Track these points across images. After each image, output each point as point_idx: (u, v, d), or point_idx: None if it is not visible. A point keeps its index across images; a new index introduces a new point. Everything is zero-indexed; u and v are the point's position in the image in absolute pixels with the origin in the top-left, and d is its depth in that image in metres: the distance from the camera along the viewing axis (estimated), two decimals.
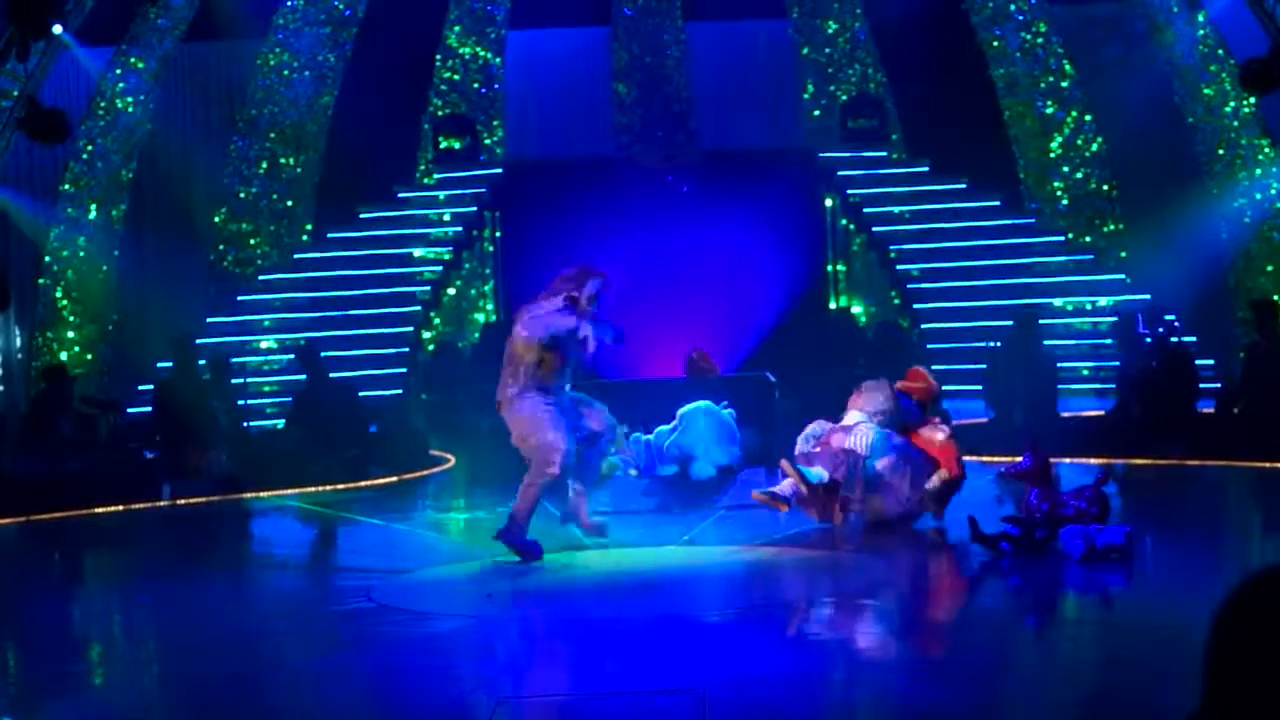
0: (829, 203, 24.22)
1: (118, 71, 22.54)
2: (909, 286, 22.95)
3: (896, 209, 23.89)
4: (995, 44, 24.27)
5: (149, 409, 17.78)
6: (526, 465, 10.55)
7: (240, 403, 17.94)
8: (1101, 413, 17.30)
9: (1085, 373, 21.14)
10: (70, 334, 22.33)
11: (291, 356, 21.34)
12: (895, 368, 20.76)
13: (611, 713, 6.56)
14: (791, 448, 13.50)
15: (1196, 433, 15.25)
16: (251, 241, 24.06)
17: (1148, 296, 21.29)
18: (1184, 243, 21.59)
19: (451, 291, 23.94)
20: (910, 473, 11.36)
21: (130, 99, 22.65)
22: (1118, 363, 17.59)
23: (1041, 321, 18.58)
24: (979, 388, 18.38)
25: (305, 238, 24.46)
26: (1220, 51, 22.24)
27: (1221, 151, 22.58)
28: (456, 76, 25.18)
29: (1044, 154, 24.09)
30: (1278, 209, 22.10)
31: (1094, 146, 23.83)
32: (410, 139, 25.02)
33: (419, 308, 23.06)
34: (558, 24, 25.32)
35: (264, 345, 22.57)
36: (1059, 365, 18.37)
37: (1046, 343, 18.51)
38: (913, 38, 23.33)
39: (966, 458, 15.14)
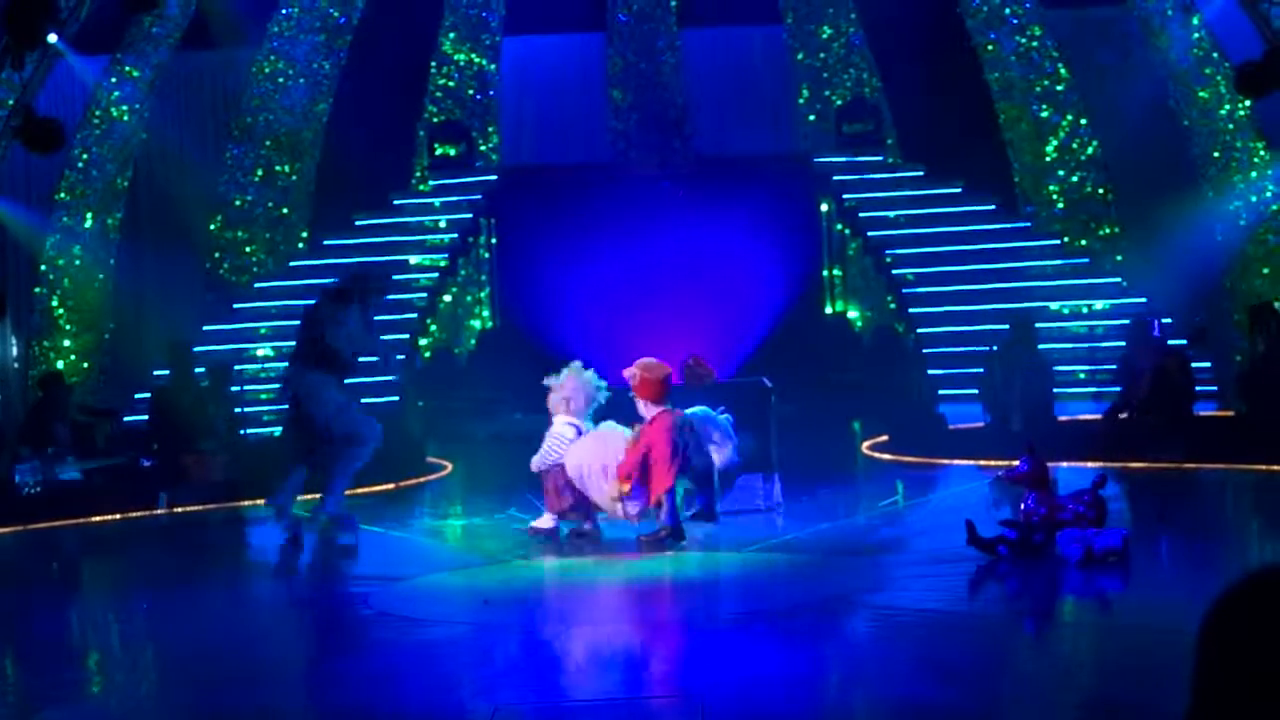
0: (824, 207, 24.24)
1: (113, 80, 22.55)
2: (905, 291, 22.96)
3: (892, 213, 23.91)
4: (990, 48, 24.29)
5: (146, 417, 17.77)
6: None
7: (237, 410, 17.93)
8: (1098, 416, 17.28)
9: (1082, 376, 21.15)
10: (67, 342, 22.33)
11: (287, 364, 21.34)
12: (891, 372, 20.90)
13: (608, 718, 6.55)
14: (787, 452, 13.54)
15: (1193, 436, 15.24)
16: (247, 249, 24.07)
17: (1144, 299, 21.31)
18: (1180, 246, 21.60)
19: (448, 298, 23.95)
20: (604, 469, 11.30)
21: (125, 107, 22.65)
22: (1114, 366, 17.56)
23: (1038, 325, 18.59)
24: (975, 392, 18.39)
25: (301, 245, 24.47)
26: (1215, 54, 22.26)
27: (1217, 154, 22.60)
28: (451, 83, 25.19)
29: (1039, 157, 24.10)
30: (1273, 211, 22.13)
31: (1089, 150, 23.85)
32: (406, 146, 25.04)
33: (415, 315, 23.06)
34: (553, 30, 25.34)
35: (260, 353, 22.56)
36: (1056, 369, 18.37)
37: (1043, 346, 18.52)
38: (907, 42, 23.36)
39: (964, 462, 15.19)
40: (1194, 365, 16.92)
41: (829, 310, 24.13)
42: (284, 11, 24.26)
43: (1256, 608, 2.01)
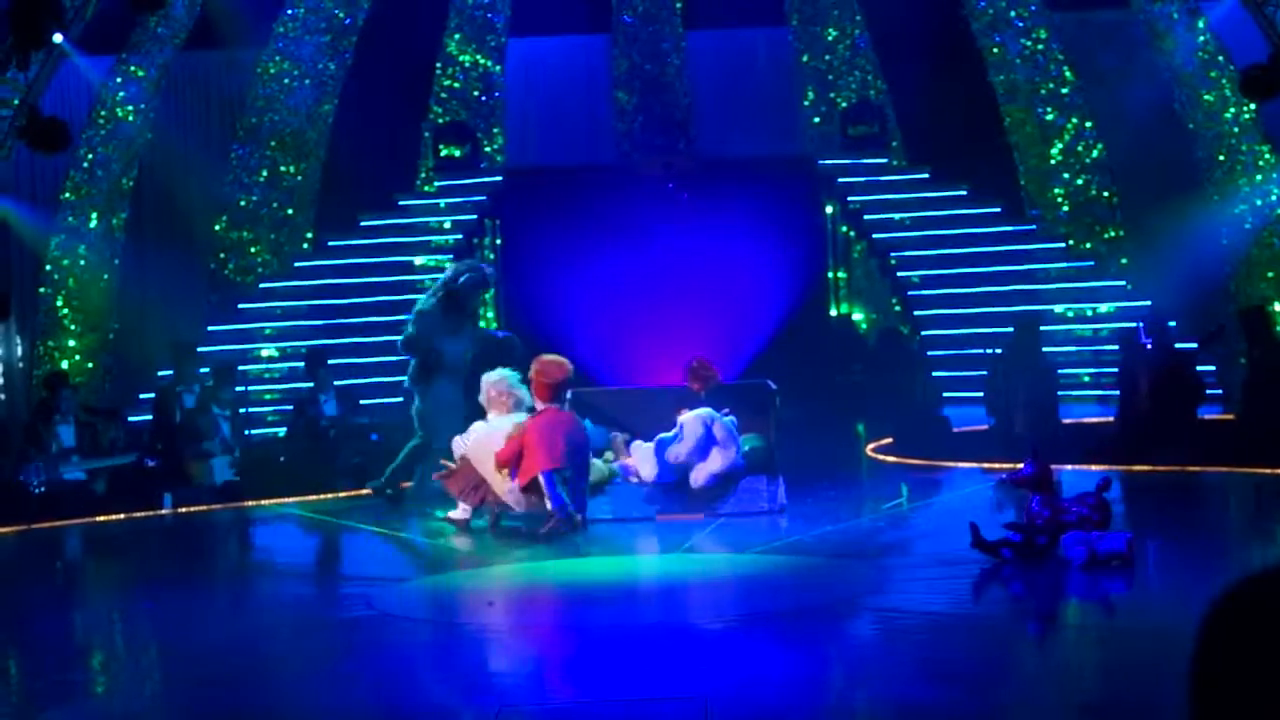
0: (829, 210, 24.22)
1: (118, 80, 22.54)
2: (909, 293, 22.94)
3: (897, 216, 23.90)
4: (995, 50, 24.27)
5: (150, 417, 17.78)
6: None
7: (241, 411, 17.93)
8: (1105, 419, 17.26)
9: (1086, 379, 21.13)
10: (71, 342, 22.33)
11: (292, 365, 21.37)
12: (895, 374, 20.88)
13: None
14: (785, 455, 13.53)
15: (1198, 439, 15.22)
16: (252, 250, 24.07)
17: (1148, 302, 21.30)
18: (1184, 249, 21.59)
19: None
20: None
21: (130, 108, 22.65)
22: (1116, 369, 17.50)
23: (1042, 328, 18.57)
24: (980, 394, 18.38)
25: (306, 246, 24.46)
26: (1220, 58, 22.25)
27: (1222, 158, 22.59)
28: (457, 84, 25.19)
29: (1044, 161, 24.09)
30: (1277, 215, 22.11)
31: (1094, 153, 23.84)
32: (411, 147, 25.03)
33: None
34: (558, 32, 25.33)
35: (265, 353, 22.57)
36: (1060, 372, 18.35)
37: (1047, 349, 18.50)
38: (912, 44, 23.35)
39: (968, 464, 15.20)
40: (1200, 368, 16.90)
41: (834, 312, 24.11)
42: (289, 12, 24.26)
43: (1256, 609, 2.01)
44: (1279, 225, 22.19)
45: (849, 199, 24.05)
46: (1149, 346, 16.27)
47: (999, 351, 18.00)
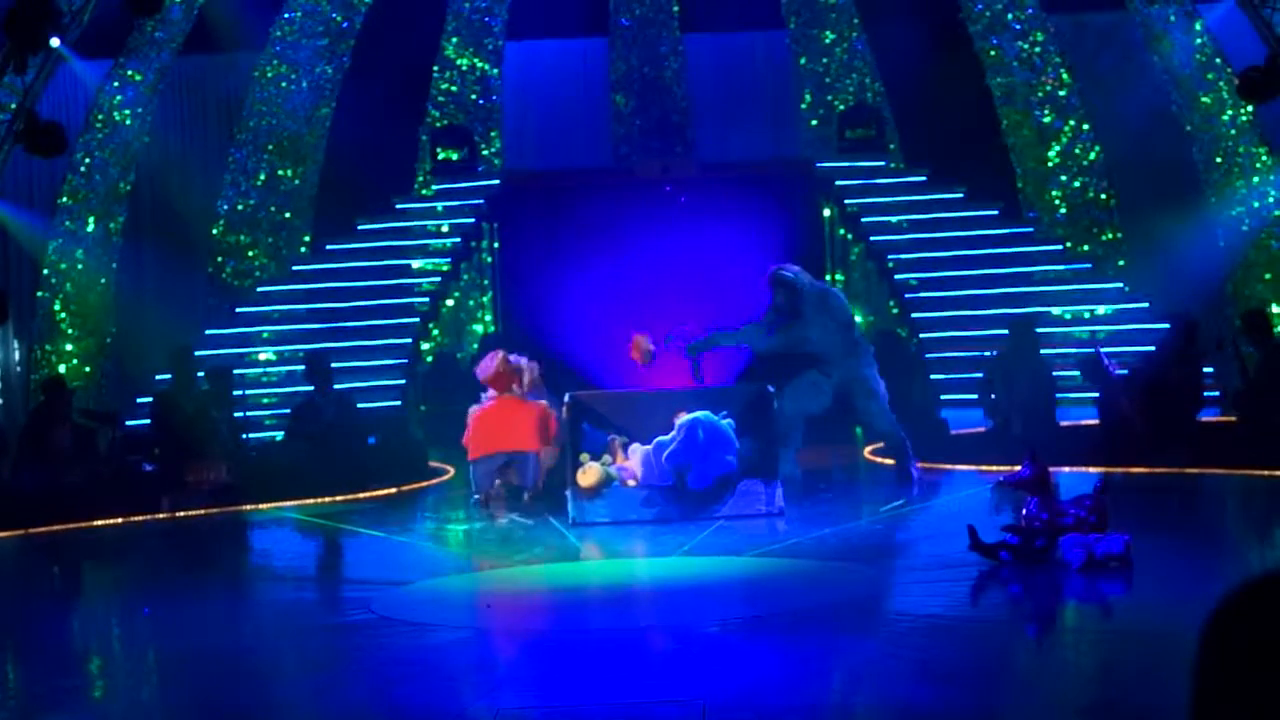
0: (827, 212, 24.22)
1: (115, 84, 22.53)
2: (907, 296, 22.95)
3: (894, 219, 23.90)
4: (993, 53, 24.28)
5: (148, 421, 17.76)
6: None
7: (239, 415, 17.92)
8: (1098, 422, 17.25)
9: (1084, 381, 21.11)
10: (69, 347, 22.31)
11: (290, 368, 21.35)
12: (893, 377, 20.85)
13: None
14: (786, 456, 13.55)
15: (1196, 441, 15.20)
16: (250, 253, 24.07)
17: (1146, 304, 21.31)
18: (1182, 251, 21.59)
19: (450, 303, 23.95)
20: None
21: (128, 111, 22.63)
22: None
23: (1040, 330, 18.57)
24: (977, 397, 18.37)
25: (303, 249, 24.46)
26: (1218, 60, 22.26)
27: (1219, 160, 22.60)
28: (454, 88, 25.19)
29: (1042, 163, 24.10)
30: (1275, 217, 22.12)
31: (1092, 155, 23.85)
32: (408, 150, 25.02)
33: (417, 319, 23.05)
34: (555, 35, 25.32)
35: (263, 357, 22.56)
36: (1057, 374, 18.34)
37: (1045, 351, 18.48)
38: (910, 47, 23.35)
39: (966, 467, 15.19)
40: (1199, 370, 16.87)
41: None
42: (287, 15, 24.26)
43: (1257, 613, 2.01)
44: (1276, 227, 22.19)
45: (846, 201, 24.05)
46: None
47: (996, 354, 17.99)
